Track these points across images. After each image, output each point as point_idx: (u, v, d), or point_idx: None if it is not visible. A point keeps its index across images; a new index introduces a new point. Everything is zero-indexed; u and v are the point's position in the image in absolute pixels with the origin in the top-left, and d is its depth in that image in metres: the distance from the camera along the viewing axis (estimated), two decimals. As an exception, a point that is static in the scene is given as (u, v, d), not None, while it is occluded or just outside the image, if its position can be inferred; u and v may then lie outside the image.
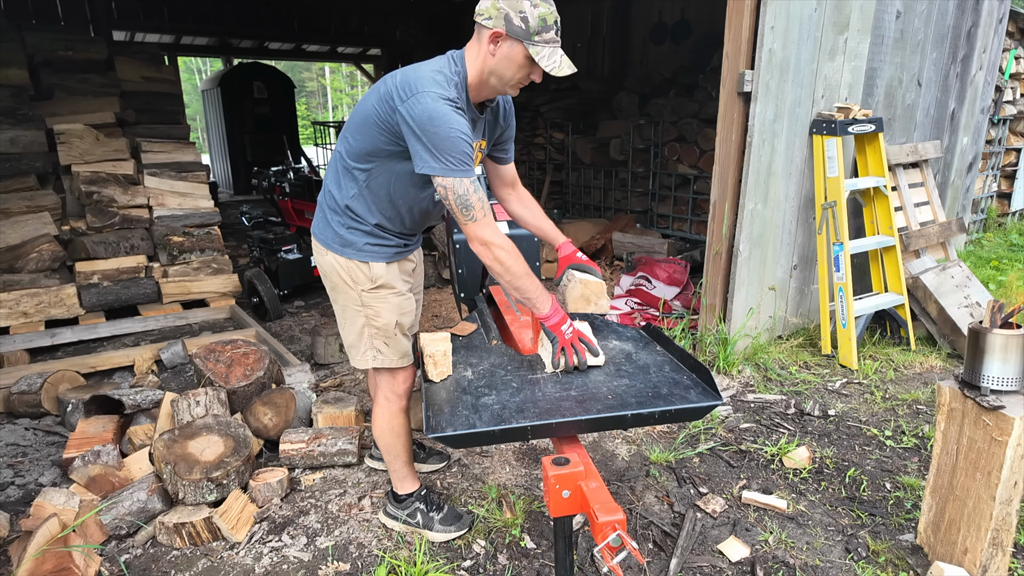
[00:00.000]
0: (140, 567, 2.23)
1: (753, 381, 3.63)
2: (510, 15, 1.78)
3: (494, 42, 1.83)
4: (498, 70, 1.86)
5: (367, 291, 2.11)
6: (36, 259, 4.46)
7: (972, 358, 1.91)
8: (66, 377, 3.51)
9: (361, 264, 2.08)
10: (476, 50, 1.88)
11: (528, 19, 1.78)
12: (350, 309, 2.16)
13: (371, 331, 2.15)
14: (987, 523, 1.90)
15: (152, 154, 5.12)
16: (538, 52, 1.80)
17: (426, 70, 1.86)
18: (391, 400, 2.26)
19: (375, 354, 2.18)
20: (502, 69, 1.86)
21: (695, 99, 6.73)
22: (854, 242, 3.88)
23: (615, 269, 6.19)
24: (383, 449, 2.32)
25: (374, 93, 1.95)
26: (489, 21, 1.81)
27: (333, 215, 2.10)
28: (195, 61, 28.04)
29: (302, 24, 11.62)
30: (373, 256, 2.09)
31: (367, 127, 1.94)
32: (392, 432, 2.27)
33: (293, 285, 5.35)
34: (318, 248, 2.17)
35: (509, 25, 1.79)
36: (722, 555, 2.24)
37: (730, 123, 3.58)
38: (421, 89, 1.79)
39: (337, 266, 2.10)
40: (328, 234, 2.11)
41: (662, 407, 1.71)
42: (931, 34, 4.35)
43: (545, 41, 1.80)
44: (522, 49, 1.81)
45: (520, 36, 1.79)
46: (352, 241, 2.07)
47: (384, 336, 2.16)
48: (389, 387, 2.26)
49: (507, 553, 2.27)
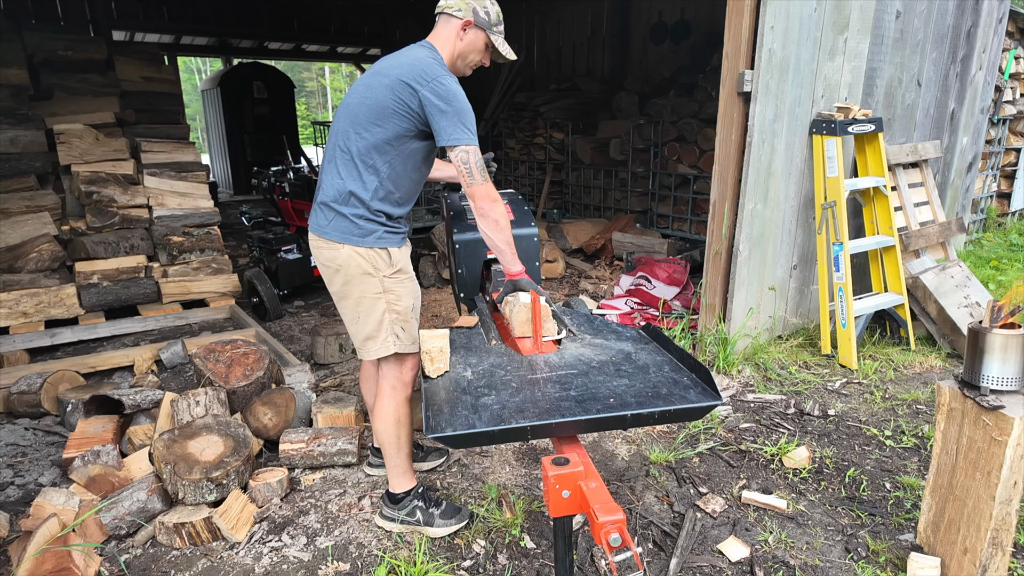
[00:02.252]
0: (140, 567, 2.23)
1: (753, 381, 3.63)
2: (476, 8, 2.18)
3: (464, 29, 2.19)
4: (464, 53, 2.23)
5: (388, 276, 2.22)
6: (36, 259, 4.46)
7: (972, 358, 1.91)
8: (66, 377, 3.51)
9: (381, 251, 2.19)
10: (445, 37, 2.21)
11: (490, 13, 2.21)
12: (367, 299, 2.22)
13: (392, 316, 2.24)
14: (987, 523, 1.90)
15: (152, 154, 5.12)
16: (496, 39, 2.25)
17: (426, 58, 2.13)
18: (397, 389, 2.32)
19: (395, 339, 2.25)
20: (467, 52, 2.23)
21: (695, 99, 6.73)
22: (854, 242, 3.89)
23: (615, 269, 6.19)
24: (385, 443, 2.33)
25: (379, 86, 2.12)
26: (459, 12, 2.18)
27: (348, 208, 2.17)
28: (195, 61, 28.04)
29: (302, 24, 11.63)
30: (390, 242, 2.22)
31: (385, 117, 2.11)
32: (397, 422, 2.30)
33: (293, 285, 5.35)
34: (328, 244, 2.20)
35: (476, 16, 2.19)
36: (722, 555, 2.24)
37: (730, 123, 3.58)
38: (437, 74, 2.07)
39: (357, 256, 2.17)
40: (343, 226, 2.17)
41: (662, 407, 1.71)
42: (931, 34, 4.35)
43: (499, 31, 2.26)
44: (484, 36, 2.22)
45: (484, 25, 2.21)
46: (372, 230, 2.18)
47: (402, 320, 2.26)
48: (396, 376, 2.31)
49: (507, 553, 2.27)
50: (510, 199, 3.03)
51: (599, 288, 5.65)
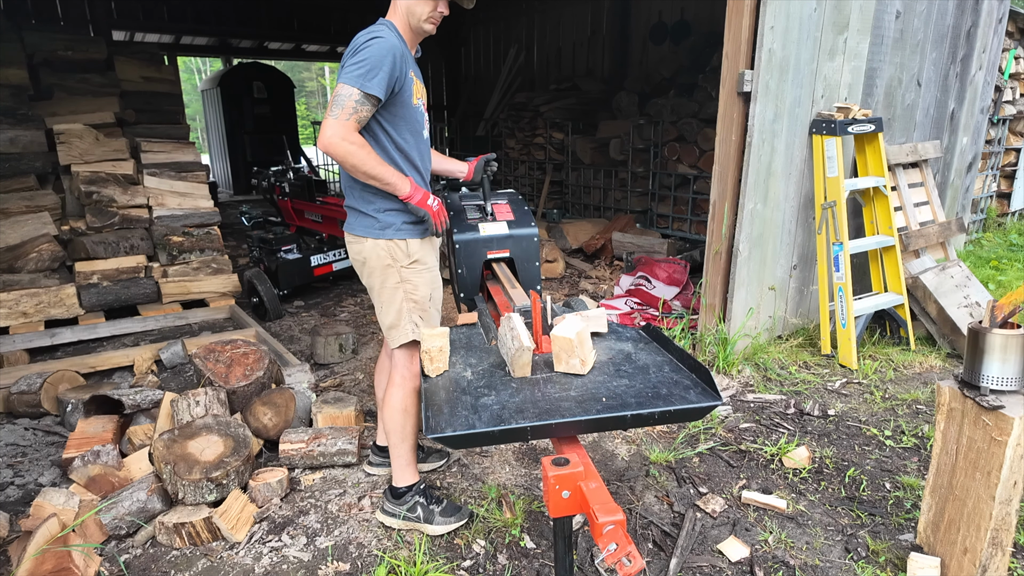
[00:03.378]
0: (140, 567, 2.23)
1: (753, 381, 3.63)
2: None
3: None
4: (411, 8, 2.15)
5: (406, 266, 2.29)
6: (36, 259, 4.45)
7: (972, 358, 1.91)
8: (66, 377, 3.51)
9: (400, 242, 2.26)
10: (392, 6, 2.18)
11: None
12: (388, 289, 2.30)
13: (409, 305, 2.31)
14: (987, 523, 1.90)
15: (152, 154, 5.12)
16: None
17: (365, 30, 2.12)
18: (407, 379, 2.36)
19: (413, 328, 2.32)
20: (413, 6, 2.14)
21: (695, 99, 6.73)
22: (854, 242, 3.89)
23: (615, 269, 6.19)
24: (391, 431, 2.36)
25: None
26: None
27: (367, 204, 2.24)
28: (195, 61, 28.04)
29: (302, 24, 11.63)
30: (410, 233, 2.27)
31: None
32: (404, 412, 2.34)
33: (293, 285, 5.35)
34: (355, 239, 2.31)
35: None
36: (722, 555, 2.24)
37: (730, 123, 3.58)
38: (359, 37, 2.08)
39: (379, 249, 2.26)
40: (365, 222, 2.26)
41: (662, 407, 1.70)
42: (931, 34, 4.35)
43: None
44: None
45: None
46: (391, 222, 2.25)
47: (420, 309, 2.33)
48: (406, 366, 2.35)
49: (507, 553, 2.27)
50: (510, 199, 3.03)
51: (599, 288, 5.65)
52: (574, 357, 1.89)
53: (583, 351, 1.88)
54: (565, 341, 1.88)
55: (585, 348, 1.89)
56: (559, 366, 1.94)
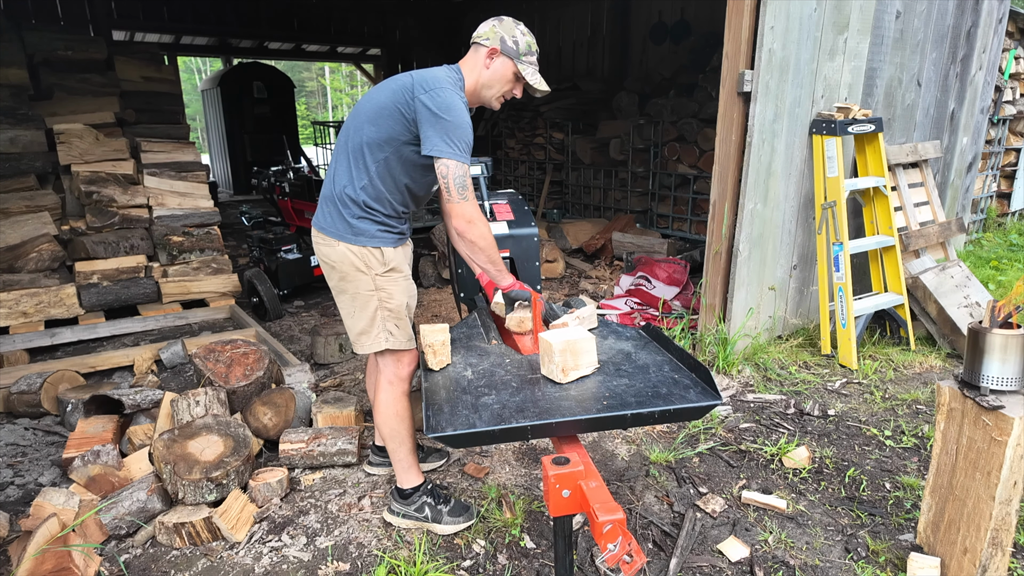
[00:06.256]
0: (140, 567, 2.23)
1: (753, 381, 3.63)
2: (505, 37, 2.19)
3: (490, 57, 2.20)
4: (490, 82, 2.22)
5: (380, 275, 2.24)
6: (36, 259, 4.45)
7: (972, 358, 1.91)
8: (66, 377, 3.51)
9: (374, 250, 2.21)
10: (472, 64, 2.22)
11: (519, 43, 2.20)
12: (361, 296, 2.25)
13: (384, 313, 2.27)
14: (987, 523, 1.90)
15: (152, 154, 5.12)
16: (524, 69, 2.21)
17: (441, 73, 2.15)
18: (395, 384, 2.34)
19: (387, 336, 2.28)
20: (493, 81, 2.22)
21: (695, 99, 6.73)
22: (854, 242, 3.89)
23: (615, 269, 6.19)
24: (388, 437, 2.35)
25: (387, 88, 2.17)
26: (487, 41, 2.20)
27: (344, 207, 2.21)
28: (195, 61, 28.04)
29: (302, 24, 11.62)
30: (384, 241, 2.23)
31: (382, 117, 2.13)
32: (396, 416, 2.33)
33: (293, 285, 5.35)
34: (326, 241, 2.25)
35: (504, 45, 2.19)
36: (722, 555, 2.24)
37: (730, 123, 3.58)
38: (442, 85, 2.08)
39: (350, 254, 2.21)
40: (339, 226, 2.21)
41: (662, 407, 1.71)
42: (931, 34, 4.35)
43: (530, 62, 2.23)
44: (512, 65, 2.21)
45: (511, 55, 2.20)
46: (364, 229, 2.20)
47: (396, 317, 2.29)
48: (393, 371, 2.34)
49: (507, 553, 2.27)
50: (510, 199, 3.03)
51: (599, 288, 5.65)
52: (553, 363, 1.90)
53: (564, 359, 1.87)
54: (547, 345, 1.91)
55: (569, 357, 1.88)
56: (543, 368, 1.96)
